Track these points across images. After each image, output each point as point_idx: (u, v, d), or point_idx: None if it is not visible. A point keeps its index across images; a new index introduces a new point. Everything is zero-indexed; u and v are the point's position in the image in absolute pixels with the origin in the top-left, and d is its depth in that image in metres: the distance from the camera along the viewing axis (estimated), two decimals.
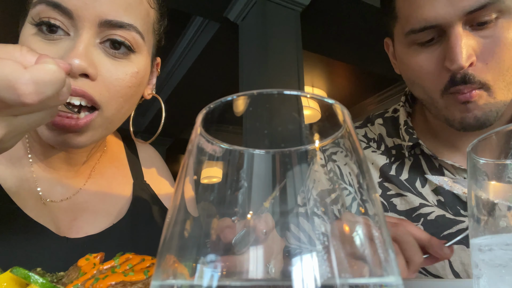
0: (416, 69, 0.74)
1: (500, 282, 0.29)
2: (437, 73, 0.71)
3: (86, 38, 0.57)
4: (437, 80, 0.72)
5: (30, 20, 0.58)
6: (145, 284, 0.38)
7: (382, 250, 0.20)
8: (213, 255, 0.19)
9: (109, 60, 0.60)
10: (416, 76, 0.75)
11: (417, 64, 0.74)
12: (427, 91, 0.75)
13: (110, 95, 0.60)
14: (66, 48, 0.57)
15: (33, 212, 0.62)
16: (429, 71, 0.72)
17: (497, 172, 0.32)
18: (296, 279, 0.17)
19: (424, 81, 0.74)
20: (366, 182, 0.22)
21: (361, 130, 0.96)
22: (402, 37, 0.75)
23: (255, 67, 2.69)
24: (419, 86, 0.76)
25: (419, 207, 0.80)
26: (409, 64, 0.76)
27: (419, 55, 0.73)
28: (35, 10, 0.57)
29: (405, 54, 0.76)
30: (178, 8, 2.96)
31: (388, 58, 0.90)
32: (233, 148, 0.22)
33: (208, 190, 0.21)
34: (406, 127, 0.86)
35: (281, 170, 0.20)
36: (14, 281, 0.38)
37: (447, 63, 0.68)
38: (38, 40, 0.57)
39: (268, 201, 0.20)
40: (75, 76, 0.55)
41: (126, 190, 0.78)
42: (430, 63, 0.72)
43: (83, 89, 0.56)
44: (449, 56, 0.67)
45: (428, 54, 0.72)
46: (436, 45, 0.71)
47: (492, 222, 0.31)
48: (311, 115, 3.44)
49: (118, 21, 0.59)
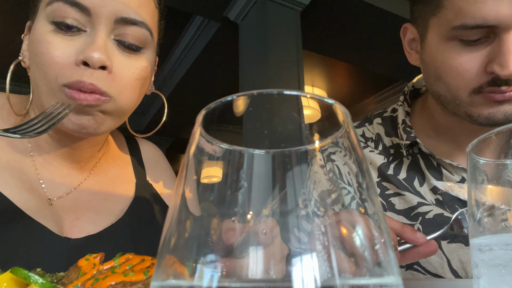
0: (451, 67, 0.70)
1: (500, 282, 0.29)
2: (475, 74, 0.68)
3: (103, 33, 0.61)
4: (471, 80, 0.69)
5: (45, 17, 0.61)
6: (145, 284, 0.38)
7: (382, 250, 0.20)
8: (213, 256, 0.19)
9: (122, 55, 0.64)
10: (447, 73, 0.71)
11: (455, 62, 0.69)
12: (452, 89, 0.72)
13: (122, 86, 0.64)
14: (84, 42, 0.60)
15: (35, 212, 0.62)
16: (466, 70, 0.68)
17: (497, 172, 0.32)
18: (296, 279, 0.17)
19: (455, 79, 0.70)
20: (366, 181, 0.22)
21: (358, 130, 0.95)
22: (444, 29, 0.70)
23: (255, 67, 2.69)
24: (445, 83, 0.73)
25: (417, 206, 0.80)
26: (444, 60, 0.71)
27: (460, 53, 0.69)
28: (51, 8, 0.59)
29: (442, 48, 0.71)
30: (178, 7, 2.96)
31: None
32: (233, 148, 0.22)
33: (208, 190, 0.21)
34: (404, 126, 0.85)
35: (281, 170, 0.20)
36: (14, 281, 0.38)
37: (496, 68, 0.65)
38: (57, 37, 0.60)
39: (268, 209, 0.20)
40: (94, 68, 0.60)
41: (129, 189, 0.78)
42: (471, 63, 0.68)
43: (94, 83, 0.60)
44: (499, 61, 0.64)
45: (471, 54, 0.68)
46: (482, 45, 0.67)
47: (492, 222, 0.31)
48: (311, 115, 3.44)
49: (132, 19, 0.63)
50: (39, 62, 0.60)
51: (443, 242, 0.77)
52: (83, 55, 0.59)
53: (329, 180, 0.22)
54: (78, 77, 0.59)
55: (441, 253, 0.77)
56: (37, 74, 0.62)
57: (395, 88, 4.89)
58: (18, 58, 0.67)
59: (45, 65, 0.60)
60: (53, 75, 0.59)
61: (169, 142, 5.57)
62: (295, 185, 0.20)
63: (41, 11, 0.62)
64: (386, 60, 3.53)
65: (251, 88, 2.56)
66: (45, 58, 0.59)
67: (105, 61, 0.60)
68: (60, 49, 0.59)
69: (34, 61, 0.62)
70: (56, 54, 0.59)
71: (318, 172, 0.22)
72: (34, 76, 0.64)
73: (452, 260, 0.75)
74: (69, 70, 0.59)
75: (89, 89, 0.60)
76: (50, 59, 0.59)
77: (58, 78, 0.59)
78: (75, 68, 0.59)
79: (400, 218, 0.81)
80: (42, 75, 0.60)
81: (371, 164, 0.88)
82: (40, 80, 0.61)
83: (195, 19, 3.62)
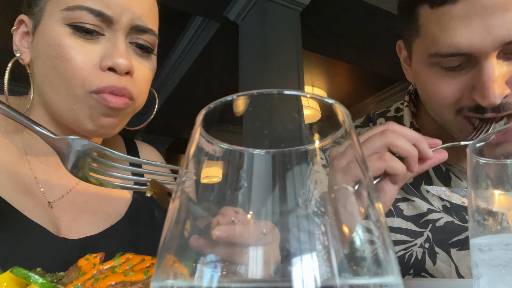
0: (433, 91, 0.69)
1: (500, 282, 0.29)
2: (458, 98, 0.66)
3: (122, 39, 0.64)
4: (454, 103, 0.67)
5: (60, 19, 0.61)
6: (145, 284, 0.38)
7: (382, 250, 0.20)
8: (213, 256, 0.19)
9: (137, 58, 0.68)
10: (431, 96, 0.70)
11: (437, 87, 0.68)
12: (438, 111, 0.71)
13: (140, 88, 0.67)
14: (105, 47, 0.63)
15: (32, 213, 0.62)
16: (449, 96, 0.67)
17: (497, 172, 0.32)
18: (296, 279, 0.17)
19: (438, 103, 0.69)
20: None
21: (362, 130, 0.93)
22: (424, 55, 0.68)
23: (255, 67, 2.69)
24: (430, 104, 0.72)
25: (427, 213, 0.78)
26: (427, 84, 0.70)
27: (441, 79, 0.67)
28: (73, 14, 0.61)
29: (425, 73, 0.70)
30: (178, 7, 2.96)
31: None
32: (233, 148, 0.22)
33: (208, 190, 0.21)
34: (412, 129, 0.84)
35: (281, 170, 0.20)
36: (14, 281, 0.38)
37: (478, 98, 0.62)
38: (77, 41, 0.61)
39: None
40: (121, 74, 0.63)
41: (126, 192, 0.78)
42: (453, 89, 0.66)
43: (126, 87, 0.64)
44: (480, 91, 0.62)
45: (453, 80, 0.66)
46: (463, 71, 0.65)
47: (492, 222, 0.31)
48: (311, 115, 3.44)
49: (145, 27, 0.67)
50: (61, 67, 0.61)
51: (453, 249, 0.76)
52: (111, 61, 0.61)
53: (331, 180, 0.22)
54: (109, 82, 0.61)
55: (450, 260, 0.76)
56: (55, 78, 0.62)
57: (395, 88, 4.89)
58: (16, 55, 0.66)
59: (70, 70, 0.60)
60: (79, 81, 0.61)
61: (169, 142, 5.56)
62: (295, 185, 0.20)
63: (54, 12, 0.62)
64: (386, 60, 3.53)
65: (251, 88, 2.56)
66: (69, 64, 0.60)
67: (131, 67, 0.63)
68: (83, 55, 0.61)
69: (51, 64, 0.62)
70: (80, 60, 0.60)
71: (319, 171, 0.22)
72: (48, 79, 0.63)
73: (460, 267, 0.74)
74: (96, 76, 0.61)
75: (121, 93, 0.63)
76: (74, 64, 0.60)
77: (85, 85, 0.61)
78: (102, 73, 0.61)
79: (408, 225, 0.80)
80: (65, 80, 0.61)
81: None
82: (60, 84, 0.62)
83: (195, 19, 3.62)
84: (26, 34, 0.67)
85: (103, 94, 0.61)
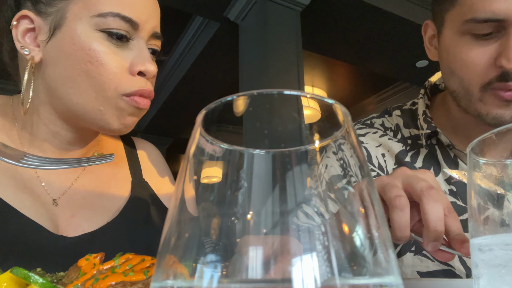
0: (463, 61, 0.73)
1: (500, 282, 0.29)
2: (485, 68, 0.70)
3: (145, 45, 0.69)
4: (482, 74, 0.71)
5: (92, 25, 0.64)
6: (145, 284, 0.38)
7: (382, 250, 0.20)
8: (213, 255, 0.19)
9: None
10: (460, 66, 0.74)
11: (466, 56, 0.72)
12: (465, 83, 0.74)
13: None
14: (133, 53, 0.67)
15: (29, 211, 0.63)
16: (477, 64, 0.71)
17: (497, 172, 0.32)
18: (296, 279, 0.17)
19: (467, 73, 0.73)
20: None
21: (378, 120, 0.97)
22: (457, 23, 0.73)
23: (255, 67, 2.70)
24: (458, 77, 0.75)
25: None
26: (456, 54, 0.74)
27: (471, 47, 0.72)
28: (106, 21, 0.64)
29: (455, 42, 0.74)
30: (178, 7, 2.96)
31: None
32: (233, 148, 0.22)
33: (208, 190, 0.21)
34: (424, 116, 0.87)
35: (281, 170, 0.20)
36: (14, 281, 0.38)
37: (503, 61, 0.67)
38: (109, 47, 0.65)
39: None
40: (149, 78, 0.69)
41: (125, 188, 0.78)
42: (481, 57, 0.70)
43: (151, 90, 0.70)
44: (506, 55, 0.67)
45: (481, 48, 0.70)
46: (492, 40, 0.70)
47: (492, 222, 0.31)
48: (311, 115, 3.44)
49: (160, 34, 0.72)
50: (94, 71, 0.63)
51: None
52: (143, 67, 0.66)
53: (341, 167, 0.22)
54: (140, 86, 0.67)
55: None
56: (83, 81, 0.64)
57: (395, 88, 4.90)
58: (24, 53, 0.65)
59: (104, 75, 0.64)
60: (113, 85, 0.65)
61: (169, 142, 5.57)
62: (295, 185, 0.20)
63: (83, 17, 0.63)
64: (386, 60, 3.54)
65: (251, 88, 2.56)
66: (104, 69, 0.64)
67: (156, 72, 0.70)
68: (116, 60, 0.65)
69: (81, 68, 0.63)
70: (114, 65, 0.64)
71: (330, 157, 0.22)
72: (73, 81, 0.64)
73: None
74: (128, 80, 0.66)
75: (149, 95, 0.69)
76: (109, 69, 0.64)
77: (118, 88, 0.65)
78: (132, 78, 0.66)
79: None
80: (97, 84, 0.64)
81: (389, 152, 0.89)
82: (89, 87, 0.64)
83: (195, 19, 3.62)
84: (30, 31, 0.66)
85: (134, 96, 0.66)
